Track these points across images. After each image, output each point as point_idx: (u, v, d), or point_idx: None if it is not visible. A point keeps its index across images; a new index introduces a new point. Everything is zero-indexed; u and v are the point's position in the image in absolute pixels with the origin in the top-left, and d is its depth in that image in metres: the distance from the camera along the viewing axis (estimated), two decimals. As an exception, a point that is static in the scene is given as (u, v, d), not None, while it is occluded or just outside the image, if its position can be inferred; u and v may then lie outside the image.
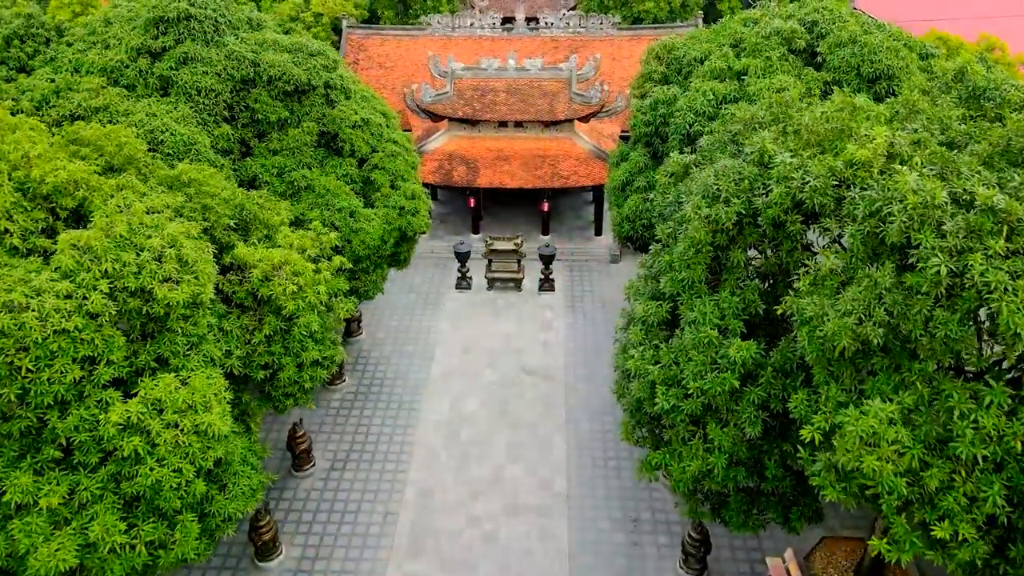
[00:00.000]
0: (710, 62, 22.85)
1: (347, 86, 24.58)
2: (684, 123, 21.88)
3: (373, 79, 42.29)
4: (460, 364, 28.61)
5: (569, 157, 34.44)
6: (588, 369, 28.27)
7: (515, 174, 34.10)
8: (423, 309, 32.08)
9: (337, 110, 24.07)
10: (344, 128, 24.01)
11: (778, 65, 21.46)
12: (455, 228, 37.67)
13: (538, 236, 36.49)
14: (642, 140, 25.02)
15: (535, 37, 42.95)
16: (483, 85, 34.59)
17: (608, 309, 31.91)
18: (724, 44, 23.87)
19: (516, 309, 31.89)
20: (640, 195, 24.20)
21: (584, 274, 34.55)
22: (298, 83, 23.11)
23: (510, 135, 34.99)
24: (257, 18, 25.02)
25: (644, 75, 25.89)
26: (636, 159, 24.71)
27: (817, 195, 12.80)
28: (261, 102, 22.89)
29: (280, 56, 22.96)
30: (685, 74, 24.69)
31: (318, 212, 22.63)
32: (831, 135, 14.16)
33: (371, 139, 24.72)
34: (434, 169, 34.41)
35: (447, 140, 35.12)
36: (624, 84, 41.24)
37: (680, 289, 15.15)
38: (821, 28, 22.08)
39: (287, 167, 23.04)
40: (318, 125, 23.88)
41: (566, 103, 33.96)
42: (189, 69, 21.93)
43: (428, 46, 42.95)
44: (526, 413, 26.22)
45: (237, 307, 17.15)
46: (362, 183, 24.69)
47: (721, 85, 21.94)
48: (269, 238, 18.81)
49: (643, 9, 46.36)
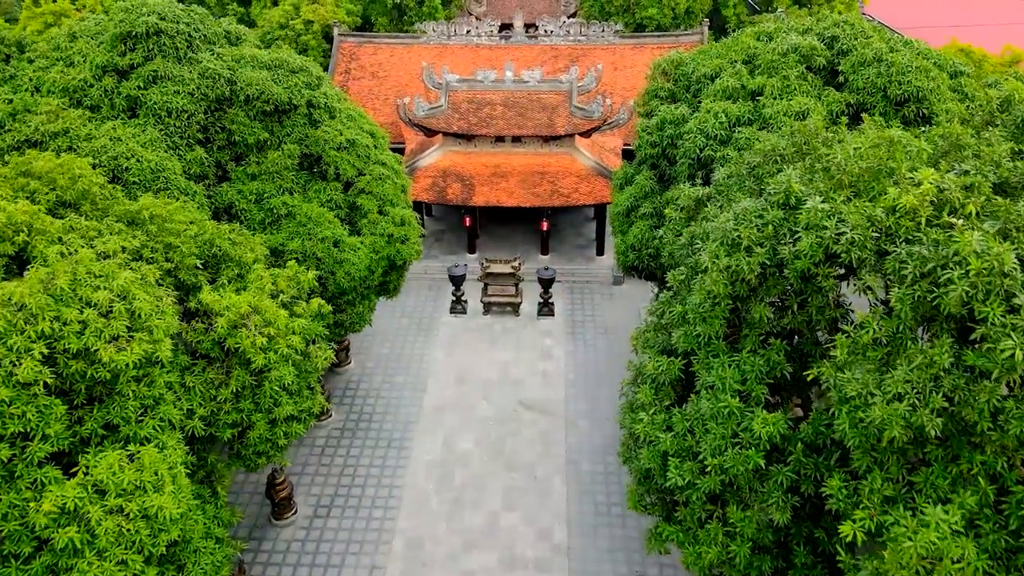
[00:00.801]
0: (721, 80, 21.19)
1: (332, 104, 22.92)
2: (694, 147, 20.23)
3: (365, 89, 40.69)
4: (454, 397, 26.95)
5: (569, 174, 32.79)
6: (589, 402, 26.61)
7: (513, 192, 32.45)
8: (415, 335, 30.42)
9: (321, 131, 22.42)
10: (328, 150, 22.36)
11: (796, 85, 19.80)
12: (450, 246, 36.01)
13: (537, 256, 34.83)
14: (648, 162, 23.36)
15: (534, 45, 41.32)
16: (479, 98, 32.94)
17: (610, 335, 30.27)
18: (736, 60, 22.21)
19: (514, 335, 30.23)
20: (646, 222, 22.53)
21: (585, 297, 32.89)
22: (278, 102, 21.48)
23: (507, 150, 33.34)
24: (236, 31, 23.37)
25: (650, 92, 24.23)
26: (642, 183, 23.05)
27: (855, 248, 11.15)
28: (238, 123, 21.25)
29: (259, 73, 21.32)
30: (694, 92, 23.02)
31: (299, 242, 21.01)
32: (867, 175, 12.50)
33: (357, 162, 23.07)
34: (428, 186, 32.75)
35: (441, 155, 33.47)
36: (627, 94, 39.62)
37: (695, 345, 13.50)
38: (842, 44, 20.43)
39: (266, 193, 21.40)
40: (300, 147, 22.24)
41: (566, 117, 32.31)
42: (159, 88, 20.28)
43: (423, 55, 41.31)
44: (524, 452, 24.56)
45: (202, 358, 15.49)
46: (348, 209, 23.05)
47: (734, 106, 20.28)
48: (241, 277, 17.14)
49: (646, 16, 44.72)
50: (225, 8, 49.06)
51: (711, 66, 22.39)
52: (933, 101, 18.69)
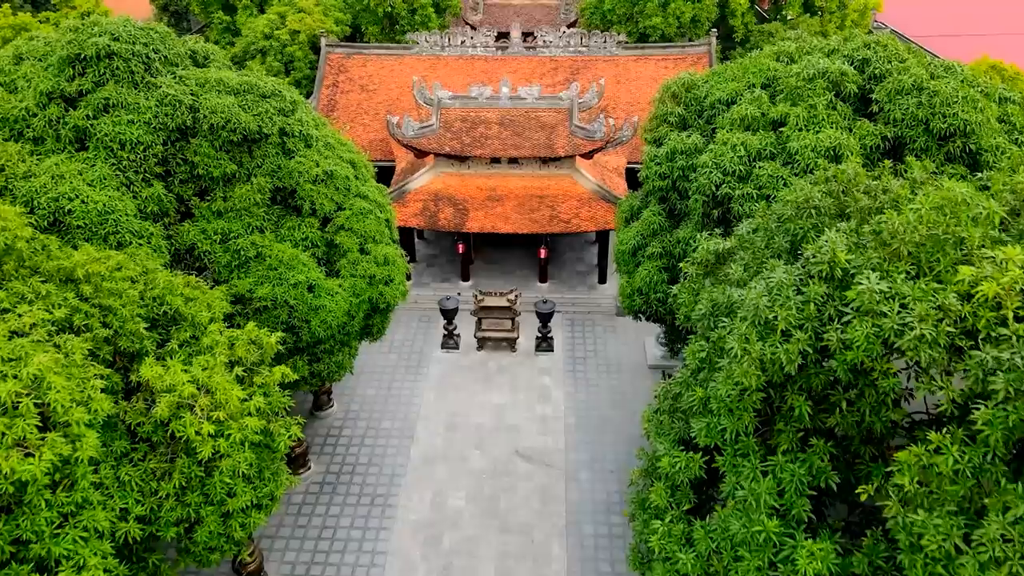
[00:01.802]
0: (739, 107, 19.04)
1: (308, 132, 20.76)
2: (709, 183, 18.08)
3: (354, 103, 38.56)
4: (444, 445, 24.79)
5: (570, 197, 30.64)
6: (591, 452, 24.46)
7: (509, 217, 30.29)
8: (404, 374, 28.25)
9: (295, 161, 20.26)
10: (303, 183, 20.20)
11: (824, 115, 17.65)
12: (443, 273, 33.84)
13: (535, 284, 32.68)
14: (656, 194, 21.22)
15: (532, 57, 39.17)
16: (473, 116, 30.79)
17: (613, 373, 28.12)
18: (754, 84, 20.07)
19: (509, 374, 28.07)
20: (655, 263, 20.39)
21: (586, 329, 30.74)
22: (247, 131, 19.30)
23: (503, 172, 31.18)
24: (204, 51, 21.23)
25: (659, 116, 22.08)
26: (650, 219, 20.91)
27: (924, 346, 9.01)
28: (202, 155, 19.06)
29: (225, 99, 19.14)
30: (707, 118, 20.88)
31: (269, 288, 18.86)
32: (930, 245, 10.35)
33: (336, 195, 20.91)
34: (418, 211, 30.60)
35: (433, 177, 31.31)
36: (630, 109, 37.49)
37: (719, 440, 11.34)
38: (874, 68, 18.28)
39: (233, 232, 19.23)
40: (272, 180, 20.07)
41: (566, 137, 30.15)
42: (111, 118, 18.11)
43: (415, 66, 39.19)
44: (520, 511, 22.40)
45: (144, 442, 13.34)
46: (325, 247, 20.90)
47: (754, 137, 18.14)
48: (196, 339, 14.99)
49: (649, 25, 42.54)
50: (210, 15, 46.94)
51: (727, 90, 20.24)
52: (981, 135, 16.54)
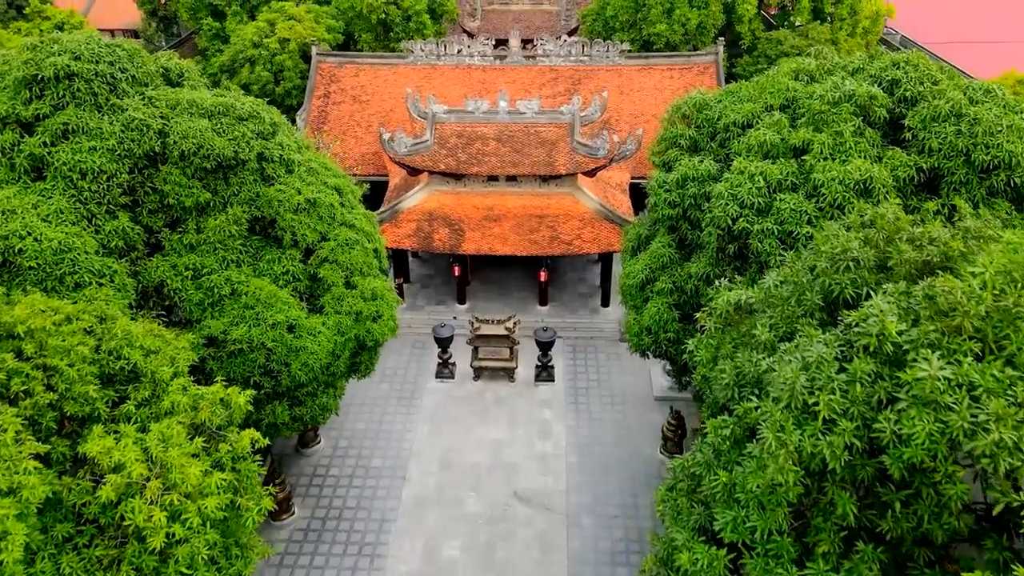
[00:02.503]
0: (757, 132, 17.48)
1: (289, 157, 19.20)
2: (725, 216, 16.52)
3: (346, 114, 37.02)
4: (438, 487, 23.22)
5: (571, 217, 29.09)
6: (593, 494, 22.90)
7: (507, 238, 28.74)
8: (396, 406, 26.69)
9: (275, 189, 18.70)
10: (284, 212, 18.64)
11: (851, 143, 16.09)
12: (438, 295, 32.28)
13: (535, 307, 31.13)
14: (665, 222, 19.67)
15: (531, 67, 37.62)
16: (469, 132, 29.24)
17: (617, 404, 26.56)
18: (772, 106, 18.52)
19: (508, 406, 26.51)
20: (664, 300, 18.84)
21: (589, 356, 29.18)
22: (221, 157, 17.74)
23: (501, 190, 29.63)
24: (177, 68, 19.65)
25: (668, 139, 20.54)
26: (659, 250, 19.35)
27: (1003, 454, 7.48)
28: (172, 183, 17.51)
29: (198, 123, 17.59)
30: (721, 141, 19.34)
31: (245, 328, 17.31)
32: (998, 318, 8.81)
33: (320, 224, 19.36)
34: (411, 231, 29.05)
35: (427, 196, 29.75)
36: (634, 121, 35.97)
37: (747, 538, 9.78)
38: (905, 90, 16.72)
39: (206, 267, 17.67)
40: (250, 209, 18.51)
41: (567, 154, 28.60)
42: (71, 145, 16.56)
43: (409, 76, 37.66)
44: (518, 561, 20.84)
45: (91, 523, 11.79)
46: (308, 280, 19.36)
47: (774, 166, 16.58)
48: (157, 397, 13.44)
49: (653, 32, 40.95)
50: (199, 22, 45.38)
51: (742, 112, 18.69)
52: (1027, 168, 15.00)
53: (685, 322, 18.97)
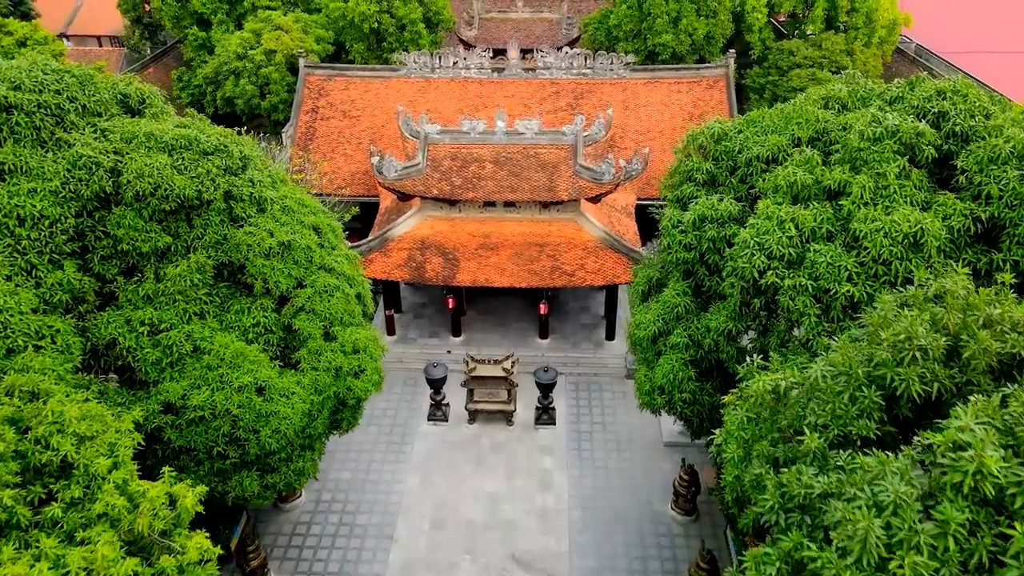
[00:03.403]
0: (785, 170, 15.50)
1: (260, 194, 17.19)
2: (750, 268, 14.52)
3: (335, 131, 35.03)
4: (428, 548, 21.22)
5: (574, 246, 27.09)
6: (599, 556, 20.90)
7: (505, 268, 26.74)
8: (385, 452, 24.69)
9: (244, 231, 16.70)
10: (254, 257, 16.64)
11: (896, 187, 14.10)
12: (431, 325, 30.27)
13: (535, 340, 29.13)
14: (680, 267, 17.69)
15: (531, 80, 35.62)
16: (464, 153, 27.24)
17: (624, 451, 24.57)
18: (801, 138, 16.54)
19: (505, 453, 24.50)
20: (679, 355, 16.84)
21: (593, 395, 27.18)
22: (183, 197, 15.76)
23: (499, 216, 27.64)
24: (138, 94, 17.65)
25: (682, 172, 18.56)
26: (673, 299, 17.35)
27: None
28: (127, 227, 15.54)
29: (156, 159, 15.61)
30: (742, 176, 17.37)
31: (207, 393, 15.33)
32: None
33: (295, 269, 17.37)
34: (402, 261, 27.04)
35: (419, 222, 27.75)
36: (640, 138, 34.00)
37: None
38: (954, 125, 14.74)
39: (164, 322, 15.68)
40: (216, 254, 16.52)
41: (570, 178, 26.60)
42: (7, 188, 14.58)
43: (402, 90, 35.68)
44: (516, 638, 18.87)
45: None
46: (282, 332, 17.36)
47: (806, 212, 14.59)
48: (90, 496, 11.44)
49: (659, 43, 38.96)
50: (183, 31, 43.37)
51: (767, 145, 16.71)
52: (1103, 219, 13.02)
53: (703, 380, 17.01)
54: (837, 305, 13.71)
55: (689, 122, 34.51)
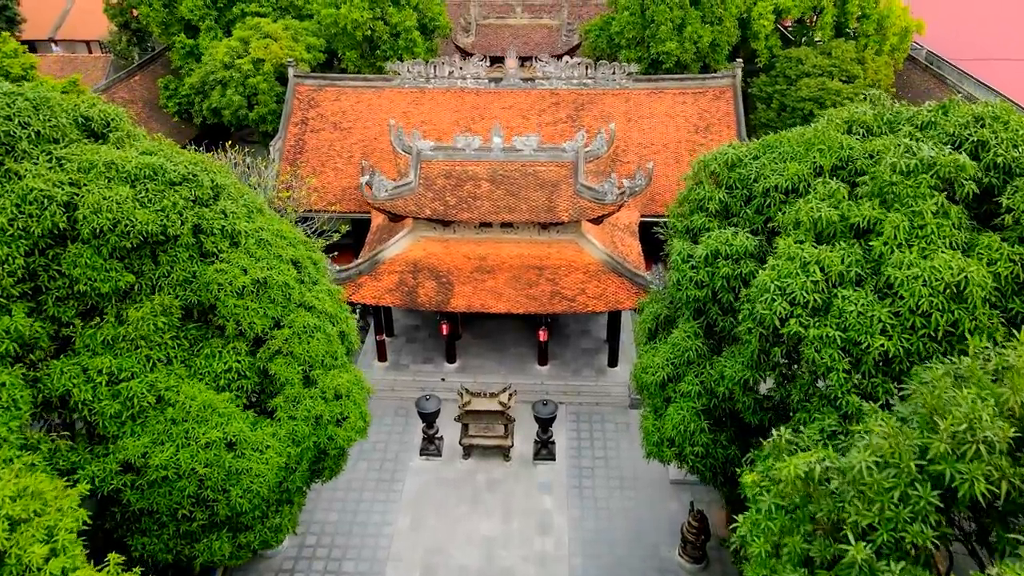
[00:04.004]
0: (807, 204, 14.08)
1: (233, 227, 15.76)
2: (770, 315, 13.10)
3: (325, 143, 33.62)
4: (419, 600, 19.83)
5: (574, 269, 25.66)
6: (604, 609, 19.51)
7: (502, 293, 25.31)
8: (374, 490, 23.25)
9: (215, 269, 15.27)
10: (226, 297, 15.22)
11: (933, 226, 12.69)
12: (425, 349, 28.84)
13: (534, 366, 27.70)
14: (690, 305, 16.26)
15: (530, 90, 34.19)
16: (459, 171, 25.82)
17: (627, 488, 23.14)
18: (823, 167, 15.12)
19: (502, 492, 23.07)
20: (691, 404, 15.43)
21: (595, 426, 25.74)
22: (146, 233, 14.35)
23: (496, 237, 26.21)
24: (101, 117, 16.22)
25: (693, 201, 17.13)
26: (683, 342, 15.93)
27: None
28: (84, 266, 14.15)
29: (117, 191, 14.22)
30: (758, 207, 15.94)
31: (171, 450, 13.94)
32: None
33: (272, 308, 15.94)
34: (393, 285, 25.61)
35: (411, 244, 26.32)
36: (643, 151, 32.60)
37: None
38: (996, 155, 13.33)
39: (125, 370, 14.28)
40: (184, 293, 15.11)
41: (570, 198, 25.18)
42: (-53, 226, 13.18)
43: (396, 101, 34.28)
44: None
45: None
46: (258, 377, 15.94)
47: (833, 252, 13.17)
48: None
49: (662, 51, 37.51)
50: (171, 38, 41.91)
51: (786, 174, 15.29)
52: None
53: (716, 431, 15.58)
54: (869, 360, 12.29)
55: (695, 135, 33.13)
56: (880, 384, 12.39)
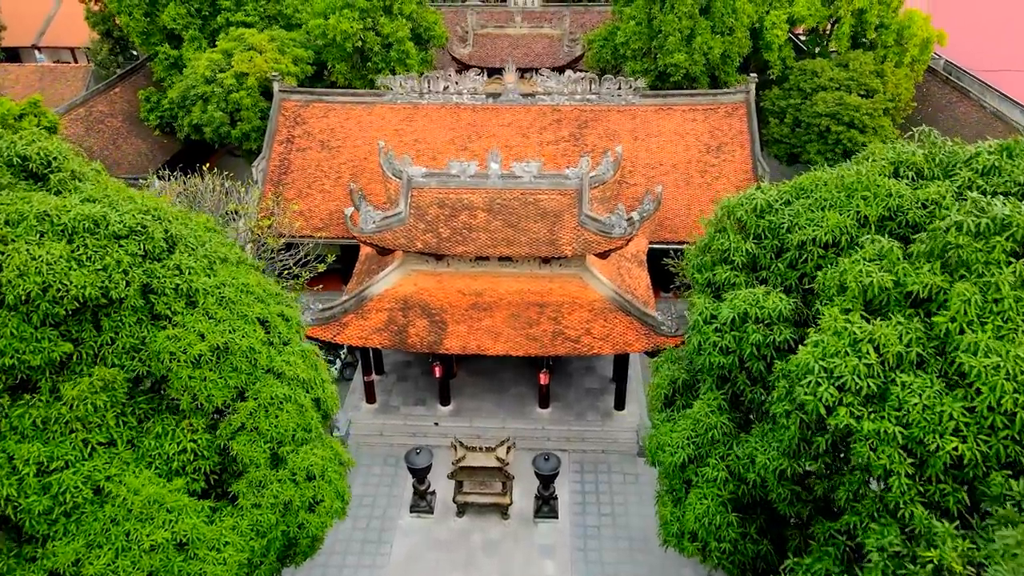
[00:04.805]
0: (856, 268, 12.03)
1: (190, 284, 13.70)
2: (814, 402, 11.04)
3: (312, 163, 31.59)
4: None
5: (578, 306, 23.61)
6: None
7: (499, 333, 23.26)
8: (359, 554, 21.22)
9: (167, 335, 13.20)
10: (179, 368, 13.16)
11: (1011, 300, 10.65)
12: (417, 389, 26.79)
13: (534, 409, 25.67)
14: (714, 372, 14.22)
15: (530, 106, 32.16)
16: (453, 200, 23.77)
17: (637, 551, 21.10)
18: (869, 218, 13.10)
19: (499, 555, 21.03)
20: (715, 491, 13.37)
21: (600, 477, 23.71)
22: (84, 297, 12.32)
23: (493, 271, 24.17)
24: (42, 156, 14.21)
25: (716, 251, 15.09)
26: (705, 416, 13.89)
27: None
28: (10, 336, 12.12)
29: (48, 248, 12.19)
30: (792, 261, 13.90)
31: (108, 556, 11.87)
32: None
33: (234, 378, 13.87)
34: (381, 324, 23.55)
35: (402, 278, 24.27)
36: (652, 173, 30.59)
37: None
38: (1077, 211, 11.32)
39: (57, 459, 12.22)
40: (132, 362, 13.07)
41: (574, 230, 23.13)
42: None
43: (388, 118, 32.25)
44: None
45: None
46: (218, 457, 13.89)
47: (889, 330, 11.13)
48: None
49: (670, 63, 35.40)
50: (153, 48, 39.87)
51: (827, 226, 13.25)
52: None
53: (746, 522, 13.54)
54: (938, 464, 10.27)
55: (706, 155, 31.08)
56: (951, 493, 10.37)
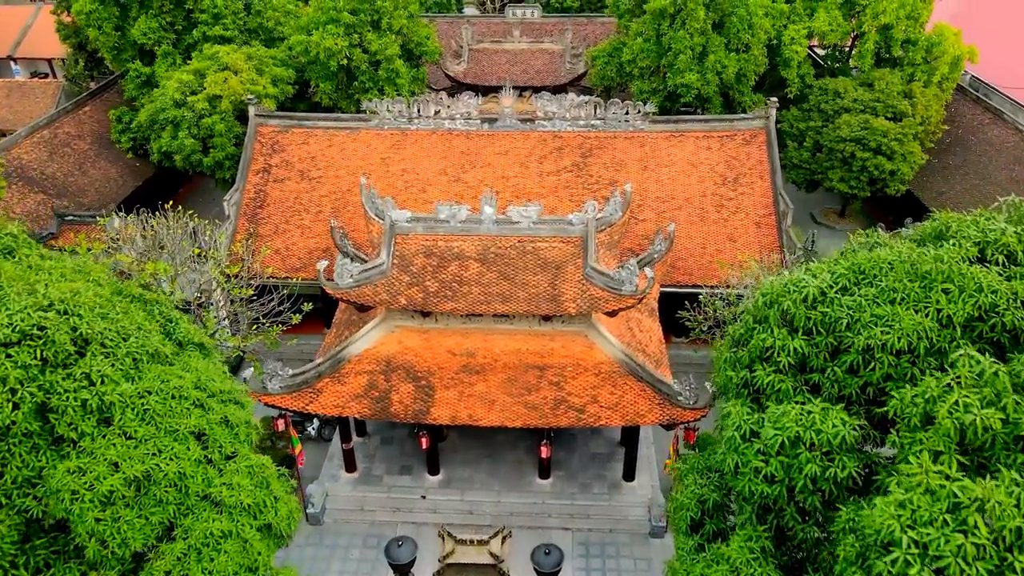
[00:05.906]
0: (950, 399, 9.28)
1: (102, 398, 10.94)
2: (902, 584, 8.32)
3: (291, 196, 28.89)
4: None
5: (583, 369, 20.88)
6: None
7: (494, 400, 20.54)
8: (331, 662, 18.51)
9: (67, 469, 10.46)
10: (84, 509, 10.42)
11: None
12: (402, 455, 24.06)
13: (534, 479, 22.96)
14: (753, 501, 11.48)
15: (529, 133, 29.46)
16: (442, 248, 21.06)
17: (652, 658, 18.36)
18: (953, 317, 10.37)
19: (493, 666, 18.32)
20: (761, 664, 10.64)
21: (608, 563, 20.98)
22: (-45, 430, 9.58)
23: (487, 328, 21.46)
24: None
25: (755, 349, 12.31)
26: (743, 562, 11.15)
27: None
28: None
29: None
30: (852, 366, 11.16)
31: None
32: None
33: (157, 513, 11.12)
34: (360, 389, 20.83)
35: (384, 335, 21.55)
36: (663, 208, 27.91)
37: None
38: None
39: (-79, 640, 9.47)
40: (24, 501, 10.35)
41: (578, 284, 20.41)
42: None
43: (373, 145, 29.56)
44: None
45: None
46: (136, 614, 11.15)
47: (1001, 494, 8.39)
48: None
49: (681, 83, 32.72)
50: (124, 64, 37.19)
51: (899, 328, 10.50)
52: None
53: None
54: None
55: (722, 187, 28.35)
56: None
